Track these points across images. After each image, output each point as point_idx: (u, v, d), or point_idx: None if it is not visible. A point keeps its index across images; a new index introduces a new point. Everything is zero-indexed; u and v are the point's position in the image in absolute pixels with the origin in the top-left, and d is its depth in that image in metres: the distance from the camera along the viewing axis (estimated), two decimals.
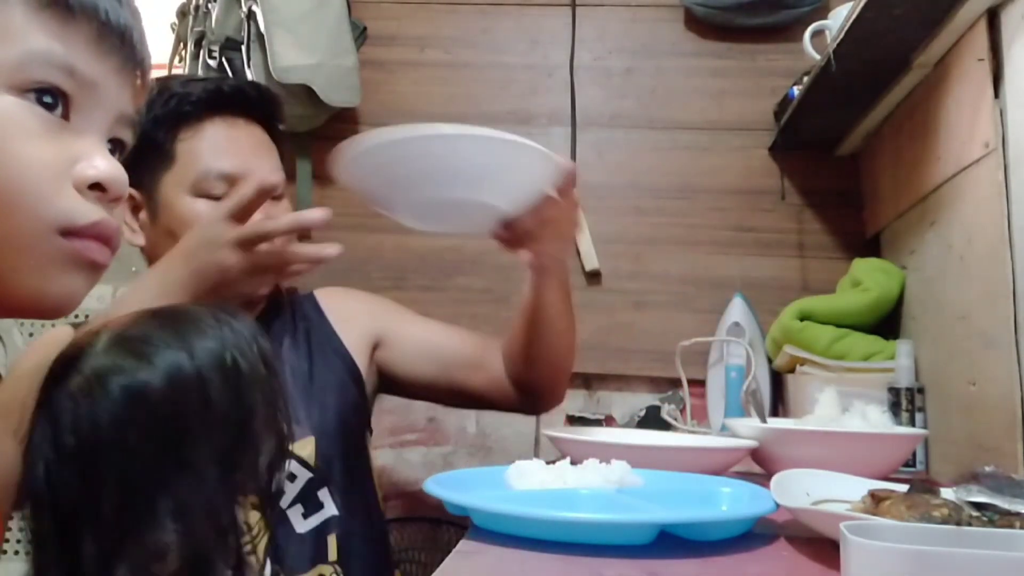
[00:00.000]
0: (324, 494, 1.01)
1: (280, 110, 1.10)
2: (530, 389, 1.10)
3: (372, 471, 1.10)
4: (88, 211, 0.48)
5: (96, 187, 0.48)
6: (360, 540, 1.03)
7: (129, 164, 0.99)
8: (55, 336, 0.96)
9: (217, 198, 0.98)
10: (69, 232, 0.47)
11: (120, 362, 0.49)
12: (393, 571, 1.13)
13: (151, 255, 1.03)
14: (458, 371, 1.13)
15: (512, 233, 0.93)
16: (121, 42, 0.50)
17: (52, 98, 0.47)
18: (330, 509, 1.01)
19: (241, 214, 0.83)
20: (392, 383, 1.16)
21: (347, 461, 1.05)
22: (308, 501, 1.00)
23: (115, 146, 0.54)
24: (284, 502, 0.98)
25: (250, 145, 1.03)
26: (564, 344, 1.07)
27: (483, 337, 1.17)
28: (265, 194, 0.83)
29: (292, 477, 0.99)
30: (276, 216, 1.00)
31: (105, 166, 0.49)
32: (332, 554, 1.00)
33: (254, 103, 1.06)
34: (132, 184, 0.99)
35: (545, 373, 1.09)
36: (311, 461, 1.00)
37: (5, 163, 0.45)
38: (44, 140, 0.46)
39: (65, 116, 0.48)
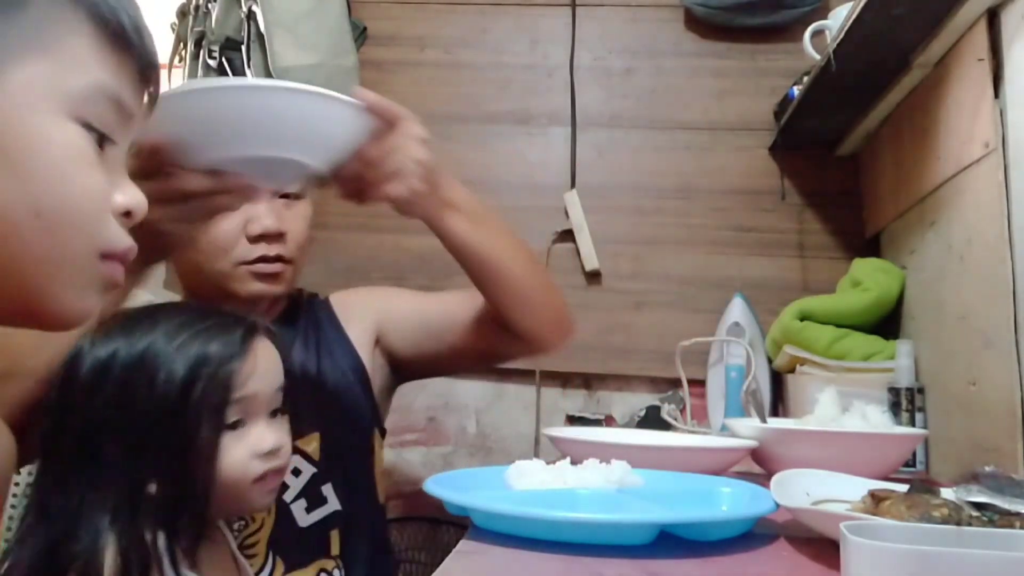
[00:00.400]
0: (328, 489, 1.01)
1: None
2: (522, 333, 1.03)
3: (376, 469, 1.10)
4: (124, 237, 0.51)
5: (128, 214, 0.52)
6: (362, 536, 1.03)
7: None
8: None
9: None
10: (108, 256, 0.50)
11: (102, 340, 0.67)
12: (394, 567, 1.13)
13: (176, 258, 1.08)
14: (455, 336, 1.10)
15: (347, 185, 0.86)
16: (150, 78, 0.53)
17: (96, 133, 0.50)
18: (333, 504, 1.01)
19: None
20: (401, 368, 1.15)
21: (351, 458, 1.05)
22: (311, 496, 1.00)
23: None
24: (288, 496, 0.98)
25: None
26: (517, 274, 1.00)
27: (470, 292, 1.09)
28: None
29: (297, 472, 0.99)
30: (289, 220, 1.02)
31: (138, 196, 0.52)
32: (334, 548, 1.00)
33: None
34: None
35: (520, 311, 1.01)
36: (315, 456, 1.01)
37: (69, 189, 0.48)
38: (96, 169, 0.50)
39: (101, 144, 0.51)
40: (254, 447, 0.68)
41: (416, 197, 0.87)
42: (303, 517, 0.99)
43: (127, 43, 0.50)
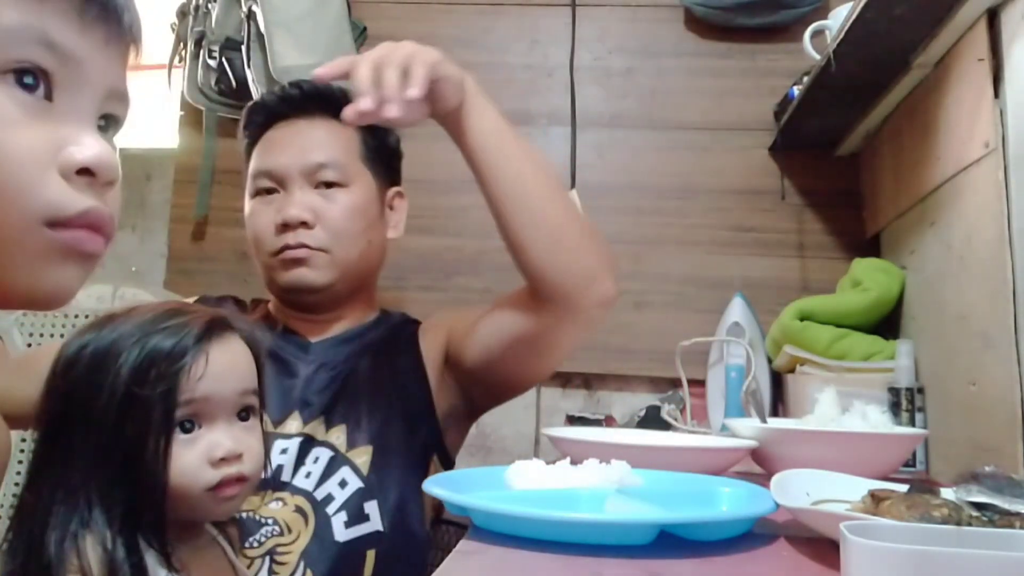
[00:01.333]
0: (372, 507, 0.97)
1: (343, 95, 1.06)
2: (548, 286, 0.95)
3: (426, 496, 0.98)
4: (76, 200, 0.45)
5: (85, 172, 0.45)
6: (398, 561, 0.97)
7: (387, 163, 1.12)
8: None
9: (268, 192, 1.08)
10: (57, 223, 0.44)
11: (78, 336, 0.67)
12: None
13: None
14: (509, 325, 1.02)
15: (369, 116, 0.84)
16: (105, 12, 0.47)
17: (32, 78, 0.44)
18: (375, 523, 0.96)
19: None
20: (472, 386, 1.07)
21: (402, 479, 1.00)
22: (353, 511, 0.96)
23: (108, 123, 0.50)
24: (331, 508, 0.95)
25: (297, 140, 1.09)
26: (543, 203, 0.93)
27: (520, 288, 1.05)
28: None
29: (343, 483, 0.96)
30: (322, 209, 1.04)
31: (94, 149, 0.45)
32: (367, 569, 0.95)
33: (306, 100, 1.11)
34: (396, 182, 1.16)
35: (544, 250, 0.93)
36: (364, 471, 0.98)
37: None
38: (25, 125, 0.43)
39: (48, 97, 0.45)
40: (207, 452, 0.65)
41: (425, 92, 0.85)
42: (341, 531, 0.95)
43: None
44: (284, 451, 0.97)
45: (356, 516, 0.96)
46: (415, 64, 0.85)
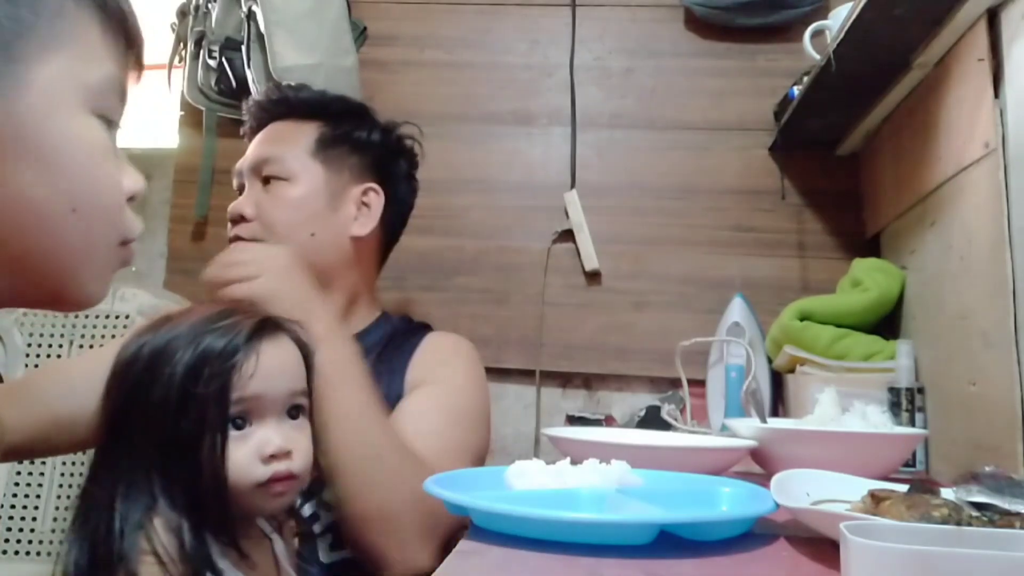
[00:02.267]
0: None
1: (297, 100, 1.18)
2: (355, 530, 0.85)
3: None
4: (138, 223, 0.54)
5: (132, 197, 0.53)
6: None
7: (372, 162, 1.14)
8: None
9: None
10: (126, 242, 0.53)
11: (137, 336, 0.70)
12: None
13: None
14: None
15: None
16: (143, 54, 0.54)
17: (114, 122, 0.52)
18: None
19: None
20: None
21: None
22: (337, 535, 0.92)
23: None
24: (317, 528, 0.93)
25: (256, 141, 1.15)
26: (350, 436, 0.82)
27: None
28: None
29: (329, 507, 0.91)
30: (262, 204, 1.09)
31: (137, 177, 0.53)
32: None
33: (276, 105, 1.18)
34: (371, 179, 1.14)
35: (339, 482, 0.84)
36: None
37: (99, 183, 0.49)
38: (114, 160, 0.51)
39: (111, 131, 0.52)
40: (258, 449, 0.67)
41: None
42: (326, 553, 0.93)
43: (128, 30, 0.51)
44: None
45: (339, 543, 0.92)
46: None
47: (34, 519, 1.32)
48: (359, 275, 1.13)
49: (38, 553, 1.30)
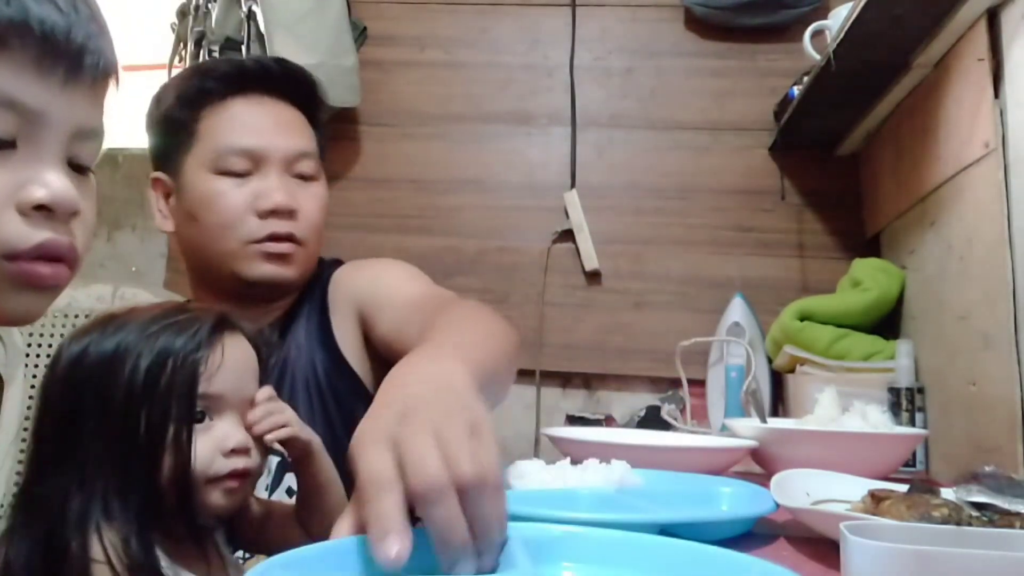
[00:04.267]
0: (292, 479, 0.92)
1: (312, 87, 1.05)
2: None
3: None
4: (30, 235, 0.48)
5: (42, 208, 0.48)
6: None
7: (160, 149, 0.98)
8: None
9: (238, 175, 0.95)
10: (13, 256, 0.48)
11: (78, 337, 0.68)
12: None
13: (180, 241, 0.99)
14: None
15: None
16: (61, 59, 0.48)
17: None
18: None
19: None
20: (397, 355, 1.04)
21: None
22: (278, 486, 0.93)
23: (82, 157, 0.53)
24: (259, 489, 0.90)
25: (274, 122, 0.99)
26: None
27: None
28: None
29: (291, 492, 0.92)
30: (302, 199, 0.96)
31: (51, 186, 0.48)
32: None
33: (278, 79, 1.01)
34: (164, 169, 0.98)
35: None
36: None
37: None
38: None
39: (12, 145, 0.48)
40: (219, 443, 0.67)
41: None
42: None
43: (8, 34, 0.45)
44: (268, 472, 0.95)
45: (281, 490, 0.93)
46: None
47: None
48: None
49: None
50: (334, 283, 1.02)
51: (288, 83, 1.02)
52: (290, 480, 0.95)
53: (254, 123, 0.98)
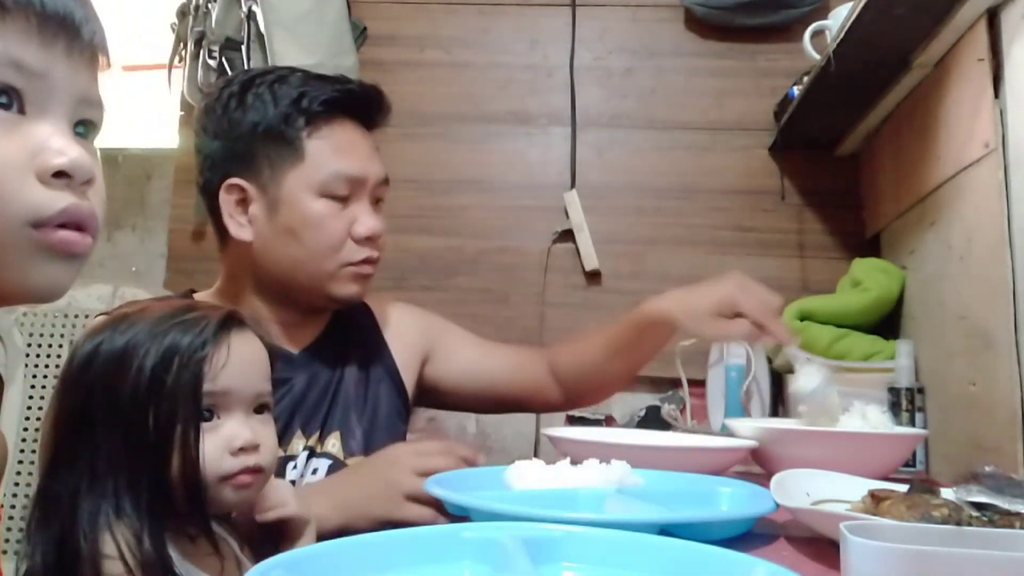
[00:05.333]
0: (320, 463, 0.98)
1: (389, 116, 1.07)
2: (581, 397, 1.21)
3: None
4: (54, 200, 0.48)
5: (61, 175, 0.49)
6: None
7: (247, 157, 0.98)
8: None
9: (340, 199, 0.98)
10: (39, 224, 0.48)
11: (92, 335, 0.68)
12: None
13: (260, 251, 0.99)
14: (501, 385, 1.16)
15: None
16: (64, 26, 0.50)
17: (6, 97, 0.48)
18: None
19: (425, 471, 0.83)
20: (435, 397, 1.16)
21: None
22: (309, 474, 0.97)
23: (86, 128, 0.54)
24: (288, 476, 0.95)
25: (369, 148, 1.02)
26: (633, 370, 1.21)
27: (521, 350, 1.22)
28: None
29: (315, 472, 0.96)
30: (379, 219, 1.01)
31: (67, 153, 0.49)
32: None
33: (376, 108, 1.04)
34: (247, 177, 0.98)
35: (606, 388, 1.20)
36: (339, 455, 0.99)
37: None
38: (2, 139, 0.47)
39: (21, 111, 0.48)
40: (227, 442, 0.67)
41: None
42: None
43: (10, 4, 0.47)
44: (294, 467, 0.97)
45: None
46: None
47: None
48: None
49: None
50: (379, 311, 1.12)
51: (379, 110, 1.05)
52: (317, 464, 0.97)
53: (358, 150, 1.01)
